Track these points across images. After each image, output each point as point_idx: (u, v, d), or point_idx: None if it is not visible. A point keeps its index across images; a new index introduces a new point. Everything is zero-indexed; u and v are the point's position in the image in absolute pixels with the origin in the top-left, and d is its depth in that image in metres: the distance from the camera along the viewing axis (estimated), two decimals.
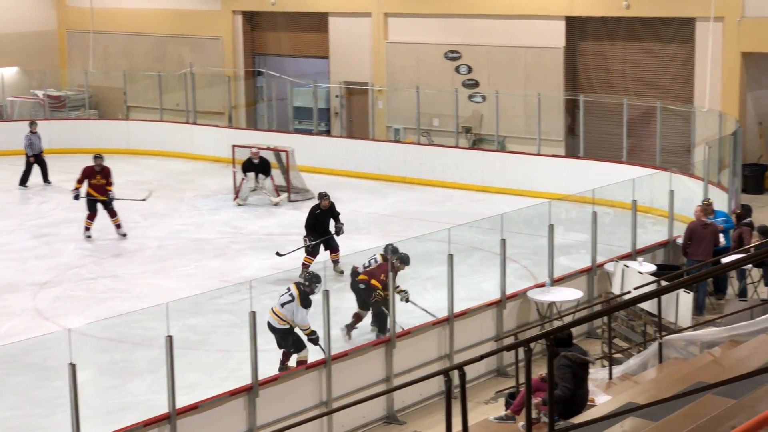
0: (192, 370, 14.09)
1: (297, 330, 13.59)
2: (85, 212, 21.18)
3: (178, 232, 21.74)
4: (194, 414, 11.69)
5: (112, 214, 21.19)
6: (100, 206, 21.10)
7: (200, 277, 18.60)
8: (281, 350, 13.72)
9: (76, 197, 21.19)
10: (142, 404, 13.09)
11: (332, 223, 18.21)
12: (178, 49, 33.09)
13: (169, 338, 11.17)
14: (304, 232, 18.17)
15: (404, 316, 14.49)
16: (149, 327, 14.79)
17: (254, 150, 23.97)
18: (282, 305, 13.59)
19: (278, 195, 23.95)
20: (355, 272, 15.30)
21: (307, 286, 13.64)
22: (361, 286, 15.09)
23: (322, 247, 18.09)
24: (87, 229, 21.14)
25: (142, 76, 33.13)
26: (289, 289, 13.70)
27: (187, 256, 20.00)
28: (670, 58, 25.14)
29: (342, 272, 17.31)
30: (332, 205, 18.28)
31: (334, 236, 18.12)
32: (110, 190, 21.16)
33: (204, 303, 16.21)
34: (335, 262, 17.77)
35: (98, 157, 21.48)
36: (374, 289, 14.79)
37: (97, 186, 21.13)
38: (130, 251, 20.39)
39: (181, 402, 11.58)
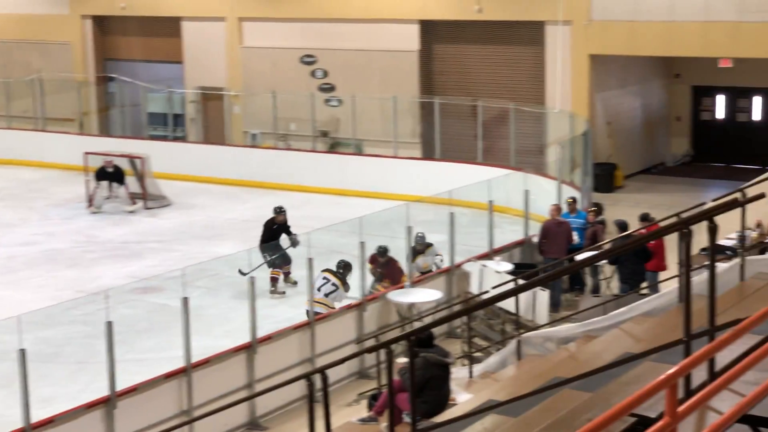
0: (47, 384, 13.72)
1: None
2: None
3: (29, 243, 21.13)
4: (50, 428, 11.41)
5: None
6: None
7: (53, 287, 18.12)
8: None
9: None
10: None
11: (284, 236, 18.03)
12: (26, 54, 32.16)
13: (22, 351, 10.87)
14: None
15: (266, 321, 14.40)
16: (1, 340, 14.32)
17: (107, 159, 23.49)
18: (326, 295, 14.88)
19: (134, 203, 23.51)
20: None
21: (341, 274, 15.33)
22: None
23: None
24: None
25: None
26: (327, 279, 15.11)
27: (39, 267, 19.46)
28: (521, 61, 25.67)
29: (295, 283, 17.49)
30: (286, 219, 18.23)
31: (287, 250, 17.83)
32: None
33: (58, 314, 15.78)
34: (287, 274, 17.80)
35: None
36: None
37: None
38: None
39: (37, 416, 11.29)
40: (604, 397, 6.64)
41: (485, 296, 14.44)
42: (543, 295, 13.91)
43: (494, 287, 14.45)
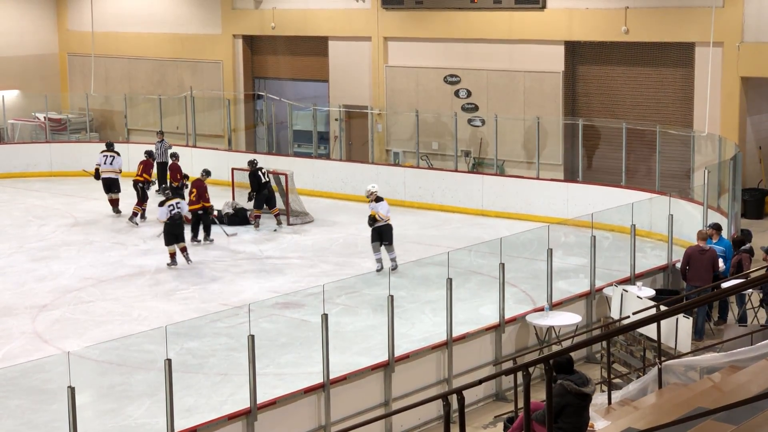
0: (190, 394, 14.07)
1: None
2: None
3: (176, 255, 21.68)
4: None
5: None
6: None
7: (199, 300, 18.58)
8: None
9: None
10: (140, 427, 13.07)
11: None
12: (179, 72, 33.18)
13: (168, 361, 11.15)
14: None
15: (403, 339, 14.47)
16: (148, 350, 14.77)
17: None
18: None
19: (279, 222, 23.89)
20: None
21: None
22: None
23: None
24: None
25: (142, 99, 33.20)
26: None
27: (185, 279, 19.98)
28: (669, 83, 25.21)
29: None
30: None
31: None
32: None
33: (202, 326, 16.19)
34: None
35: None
36: None
37: None
38: (129, 274, 20.37)
39: (180, 425, 11.56)
40: (750, 430, 6.47)
41: (626, 321, 14.21)
42: (686, 323, 13.61)
43: (635, 313, 14.22)
